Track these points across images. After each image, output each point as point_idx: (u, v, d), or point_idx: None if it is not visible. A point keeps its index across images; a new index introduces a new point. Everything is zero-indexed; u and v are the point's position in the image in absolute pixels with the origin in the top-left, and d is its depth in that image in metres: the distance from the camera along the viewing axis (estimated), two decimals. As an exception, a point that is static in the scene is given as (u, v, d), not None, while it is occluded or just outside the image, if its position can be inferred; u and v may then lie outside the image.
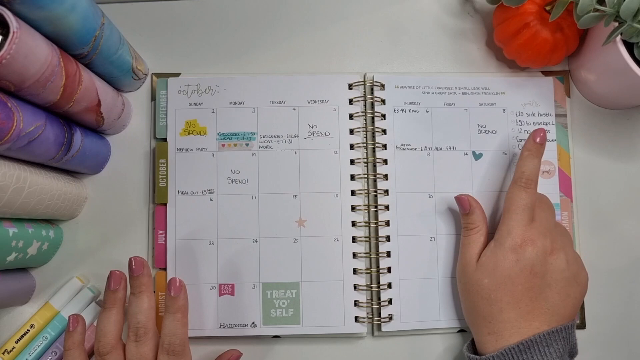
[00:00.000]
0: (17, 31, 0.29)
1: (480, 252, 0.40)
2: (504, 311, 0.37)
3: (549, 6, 0.41)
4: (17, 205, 0.35)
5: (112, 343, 0.36)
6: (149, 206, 0.44)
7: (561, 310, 0.37)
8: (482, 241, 0.40)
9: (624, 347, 0.44)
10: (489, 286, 0.38)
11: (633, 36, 0.38)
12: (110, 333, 0.37)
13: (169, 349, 0.36)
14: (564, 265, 0.38)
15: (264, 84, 0.45)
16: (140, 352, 0.36)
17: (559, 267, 0.38)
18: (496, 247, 0.38)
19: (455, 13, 0.48)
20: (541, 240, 0.38)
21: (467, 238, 0.41)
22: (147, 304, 0.38)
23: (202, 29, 0.47)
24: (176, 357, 0.36)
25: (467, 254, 0.40)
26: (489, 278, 0.38)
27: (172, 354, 0.36)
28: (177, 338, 0.37)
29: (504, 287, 0.37)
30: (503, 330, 0.37)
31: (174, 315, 0.37)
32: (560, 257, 0.38)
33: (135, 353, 0.36)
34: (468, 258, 0.40)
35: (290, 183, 0.44)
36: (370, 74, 0.46)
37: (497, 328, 0.37)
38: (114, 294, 0.38)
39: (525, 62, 0.44)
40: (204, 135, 0.44)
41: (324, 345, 0.43)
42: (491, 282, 0.37)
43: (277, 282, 0.43)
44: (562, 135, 0.46)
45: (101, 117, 0.41)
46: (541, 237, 0.38)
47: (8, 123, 0.31)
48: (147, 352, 0.36)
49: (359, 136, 0.45)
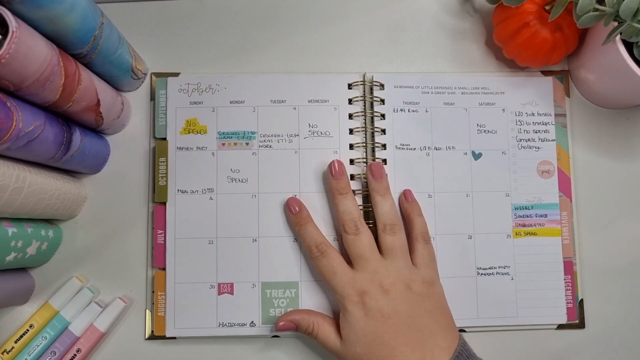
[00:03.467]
0: (17, 31, 0.29)
1: (337, 332, 0.39)
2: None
3: (549, 6, 0.41)
4: (16, 205, 0.35)
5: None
6: (148, 206, 0.44)
7: (438, 327, 0.37)
8: (328, 326, 0.39)
9: (623, 347, 0.44)
10: (364, 352, 0.36)
11: (632, 36, 0.38)
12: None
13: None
14: (404, 293, 0.37)
15: (264, 83, 0.45)
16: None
17: (400, 297, 0.37)
18: (344, 315, 0.38)
19: (454, 13, 0.48)
20: (371, 286, 0.37)
21: (317, 339, 0.40)
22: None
23: (202, 28, 0.47)
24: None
25: (331, 344, 0.39)
26: (360, 347, 0.37)
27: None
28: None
29: (375, 344, 0.36)
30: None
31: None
32: (398, 288, 0.38)
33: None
34: (333, 345, 0.38)
35: (290, 182, 0.44)
36: (370, 73, 0.46)
37: None
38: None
39: (525, 61, 0.44)
40: (204, 134, 0.44)
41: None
42: (362, 347, 0.36)
43: (276, 281, 0.43)
44: (562, 135, 0.46)
45: (100, 116, 0.41)
46: (369, 284, 0.38)
47: (7, 122, 0.31)
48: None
49: (358, 136, 0.45)
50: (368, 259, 0.39)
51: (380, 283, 0.38)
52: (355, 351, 0.37)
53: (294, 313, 0.41)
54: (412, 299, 0.37)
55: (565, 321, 0.44)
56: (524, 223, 0.44)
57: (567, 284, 0.44)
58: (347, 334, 0.37)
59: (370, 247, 0.39)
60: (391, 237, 0.40)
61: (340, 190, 0.41)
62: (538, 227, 0.44)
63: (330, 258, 0.39)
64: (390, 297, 0.37)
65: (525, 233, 0.44)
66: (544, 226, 0.45)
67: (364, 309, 0.37)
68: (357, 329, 0.37)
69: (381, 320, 0.36)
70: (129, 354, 0.43)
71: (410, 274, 0.39)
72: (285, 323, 0.40)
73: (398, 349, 0.36)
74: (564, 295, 0.44)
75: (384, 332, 0.36)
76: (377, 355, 0.36)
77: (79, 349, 0.41)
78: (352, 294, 0.37)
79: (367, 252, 0.39)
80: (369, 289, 0.37)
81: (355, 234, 0.39)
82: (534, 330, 0.44)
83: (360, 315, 0.37)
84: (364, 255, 0.39)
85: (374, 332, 0.36)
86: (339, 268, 0.39)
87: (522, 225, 0.44)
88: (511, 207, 0.45)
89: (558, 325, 0.44)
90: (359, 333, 0.37)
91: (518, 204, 0.45)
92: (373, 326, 0.36)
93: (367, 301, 0.37)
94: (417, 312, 0.37)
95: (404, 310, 0.37)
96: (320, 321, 0.40)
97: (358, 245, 0.39)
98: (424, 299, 0.38)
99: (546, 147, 0.45)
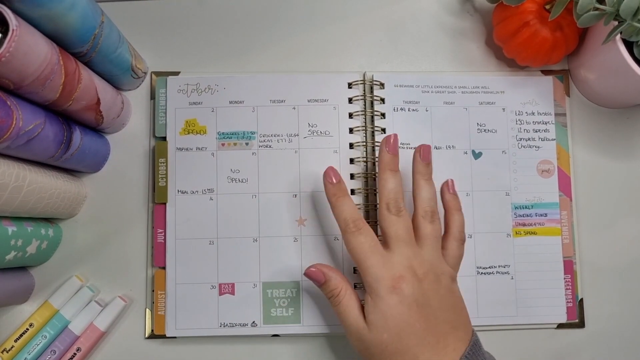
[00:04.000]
0: (17, 29, 0.29)
1: (360, 311, 0.37)
2: (419, 355, 0.35)
3: (549, 5, 0.41)
4: (16, 203, 0.35)
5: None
6: (148, 205, 0.44)
7: (459, 322, 0.37)
8: (354, 300, 0.37)
9: (623, 346, 0.44)
10: (391, 340, 0.35)
11: (633, 35, 0.38)
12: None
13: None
14: (435, 284, 0.36)
15: (263, 83, 0.45)
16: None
17: (431, 287, 0.36)
18: (374, 300, 0.36)
19: (454, 12, 0.48)
20: (407, 272, 0.36)
21: (338, 307, 0.37)
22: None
23: (202, 27, 0.47)
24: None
25: (351, 321, 0.37)
26: (387, 333, 0.35)
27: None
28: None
29: (405, 332, 0.35)
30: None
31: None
32: (430, 278, 0.36)
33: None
34: (354, 323, 0.36)
35: (290, 182, 0.44)
36: (370, 72, 0.46)
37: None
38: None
39: (525, 61, 0.44)
40: (204, 134, 0.44)
41: (323, 344, 0.44)
42: (391, 335, 0.35)
43: (277, 281, 0.43)
44: (562, 135, 0.46)
45: (100, 115, 0.41)
46: (405, 268, 0.36)
47: (7, 121, 0.31)
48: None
49: (358, 135, 0.45)
50: (406, 243, 0.37)
51: (415, 270, 0.36)
52: (382, 338, 0.35)
53: (328, 267, 0.38)
54: (441, 292, 0.36)
55: (565, 320, 0.44)
56: (524, 222, 0.44)
57: (567, 283, 0.44)
58: (376, 320, 0.35)
59: (409, 231, 0.37)
60: (430, 225, 0.38)
61: (392, 166, 0.39)
62: (538, 227, 0.44)
63: (366, 235, 0.37)
64: (423, 287, 0.36)
65: (525, 232, 0.44)
66: (543, 225, 0.45)
67: (398, 296, 0.35)
68: (388, 315, 0.35)
69: (415, 309, 0.35)
70: (129, 353, 0.43)
71: (440, 267, 0.37)
72: (316, 271, 0.38)
73: (427, 339, 0.35)
74: (563, 295, 0.44)
75: (415, 321, 0.35)
76: (405, 344, 0.35)
77: (79, 348, 0.41)
78: (386, 277, 0.35)
79: (406, 235, 0.37)
80: (405, 275, 0.36)
81: (397, 215, 0.37)
82: (534, 329, 0.44)
83: (394, 302, 0.35)
84: (403, 237, 0.37)
85: (406, 320, 0.35)
86: (375, 248, 0.36)
87: (522, 224, 0.44)
88: (511, 206, 0.45)
89: (558, 325, 0.44)
90: (390, 320, 0.35)
91: (518, 203, 0.45)
92: (407, 314, 0.35)
93: (403, 287, 0.35)
94: (444, 306, 0.36)
95: (435, 303, 0.36)
96: (349, 291, 0.38)
97: (399, 227, 0.37)
98: (449, 293, 0.37)
99: (546, 147, 0.45)
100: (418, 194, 0.39)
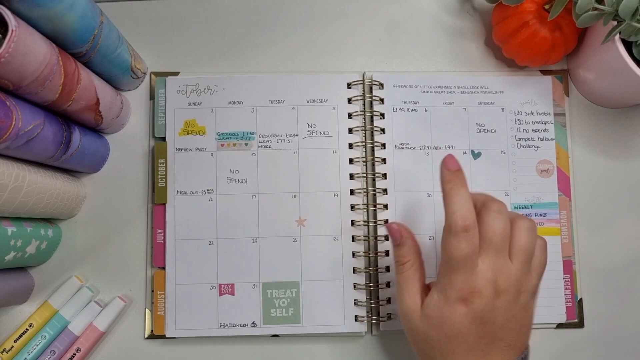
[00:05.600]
0: (16, 29, 0.29)
1: (420, 292, 0.36)
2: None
3: (548, 5, 0.42)
4: (15, 204, 0.35)
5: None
6: (147, 205, 0.44)
7: (517, 342, 0.35)
8: (417, 277, 0.36)
9: (622, 346, 0.44)
10: (438, 339, 0.34)
11: (632, 35, 0.38)
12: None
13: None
14: (510, 303, 0.34)
15: (262, 83, 0.45)
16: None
17: (505, 306, 0.34)
18: (440, 300, 0.34)
19: (454, 12, 0.48)
20: (487, 288, 0.33)
21: (401, 276, 0.36)
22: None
23: (201, 27, 0.47)
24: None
25: (407, 300, 0.36)
26: (436, 331, 0.34)
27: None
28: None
29: (455, 340, 0.34)
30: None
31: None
32: (508, 295, 0.34)
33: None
34: (409, 304, 0.35)
35: (289, 182, 0.44)
36: (369, 72, 0.46)
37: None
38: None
39: (524, 60, 0.44)
40: (203, 135, 0.44)
41: (323, 344, 0.43)
42: (440, 335, 0.34)
43: (277, 281, 0.43)
44: (561, 134, 0.46)
45: (100, 115, 0.41)
46: (487, 283, 0.33)
47: (7, 122, 0.31)
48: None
49: (358, 135, 0.45)
50: (499, 251, 0.34)
51: (497, 285, 0.34)
52: (430, 333, 0.34)
53: (409, 233, 0.37)
54: (514, 311, 0.34)
55: (565, 320, 0.44)
56: (523, 222, 0.44)
57: (566, 283, 0.44)
58: (432, 316, 0.34)
59: (506, 236, 0.34)
60: (529, 237, 0.35)
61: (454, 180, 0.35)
62: (537, 226, 0.44)
63: (469, 243, 0.33)
64: (496, 303, 0.34)
65: (525, 232, 0.44)
66: (543, 225, 0.45)
67: (467, 308, 0.33)
68: (447, 319, 0.34)
69: (476, 324, 0.34)
70: (129, 353, 0.43)
71: (524, 283, 0.35)
72: (397, 229, 0.37)
73: (474, 351, 0.34)
74: (563, 295, 0.44)
75: (471, 334, 0.34)
76: (451, 349, 0.34)
77: (79, 348, 0.41)
78: (465, 288, 0.33)
79: (502, 242, 0.34)
80: (484, 290, 0.33)
81: (499, 213, 0.34)
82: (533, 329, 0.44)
83: (459, 311, 0.33)
84: (498, 245, 0.34)
85: (463, 331, 0.34)
86: (470, 258, 0.33)
87: (522, 224, 0.44)
88: (511, 206, 0.45)
89: (557, 324, 0.44)
90: (446, 325, 0.34)
91: (517, 203, 0.45)
92: (465, 327, 0.33)
93: (476, 302, 0.33)
94: (510, 325, 0.34)
95: (500, 321, 0.34)
96: (416, 266, 0.36)
97: (498, 227, 0.34)
98: (522, 312, 0.35)
99: (545, 146, 0.45)
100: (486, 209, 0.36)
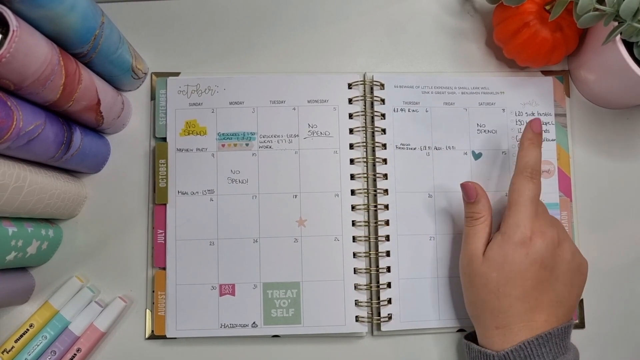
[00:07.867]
0: (17, 30, 0.29)
1: (485, 243, 0.38)
2: (513, 306, 0.36)
3: (549, 5, 0.41)
4: (16, 204, 0.35)
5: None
6: (148, 205, 0.44)
7: (566, 301, 0.37)
8: (487, 232, 0.39)
9: (623, 347, 0.44)
10: (498, 280, 0.37)
11: (633, 35, 0.38)
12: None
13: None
14: (570, 257, 0.37)
15: (263, 83, 0.45)
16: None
17: (566, 258, 0.37)
18: (504, 241, 0.37)
19: (454, 12, 0.48)
20: (549, 232, 0.37)
21: (471, 229, 0.39)
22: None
23: (202, 28, 0.47)
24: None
25: (472, 246, 0.39)
26: (497, 272, 0.37)
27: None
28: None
29: (514, 281, 0.36)
30: (512, 325, 0.36)
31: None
32: (566, 248, 0.37)
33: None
34: (473, 250, 0.38)
35: (290, 183, 0.44)
36: (370, 73, 0.46)
37: (505, 322, 0.36)
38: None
39: (525, 61, 0.44)
40: (204, 135, 0.44)
41: (324, 344, 0.43)
42: (500, 276, 0.36)
43: (277, 282, 0.43)
44: (562, 135, 0.46)
45: (101, 116, 0.41)
46: (549, 228, 0.37)
47: (8, 122, 0.31)
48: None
49: (358, 135, 0.45)
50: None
51: (558, 232, 0.38)
52: (491, 275, 0.37)
53: (482, 191, 0.40)
54: (570, 265, 0.37)
55: (566, 321, 0.44)
56: (524, 223, 0.44)
57: (568, 283, 0.44)
58: (494, 257, 0.37)
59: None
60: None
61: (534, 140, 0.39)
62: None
63: (535, 187, 0.38)
64: (556, 253, 0.37)
65: (526, 233, 0.44)
66: (544, 226, 0.45)
67: (528, 248, 0.36)
68: (508, 259, 0.36)
69: (536, 267, 0.36)
70: (129, 354, 0.43)
71: (575, 249, 0.39)
72: (472, 187, 0.40)
73: (528, 297, 0.36)
74: (564, 295, 0.44)
75: (529, 278, 0.36)
76: (508, 291, 0.36)
77: (79, 349, 0.41)
78: (529, 227, 0.37)
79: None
80: (546, 232, 0.37)
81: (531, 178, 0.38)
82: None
83: (522, 251, 0.36)
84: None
85: (522, 273, 0.36)
86: (535, 200, 0.38)
87: (523, 225, 0.44)
88: (511, 206, 0.45)
89: (558, 325, 0.44)
90: (507, 265, 0.36)
91: (518, 204, 0.45)
92: (525, 268, 0.36)
93: (537, 243, 0.36)
94: (565, 280, 0.37)
95: (558, 272, 0.37)
96: (487, 222, 0.39)
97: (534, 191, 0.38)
98: (577, 270, 0.38)
99: (546, 147, 0.45)
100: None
